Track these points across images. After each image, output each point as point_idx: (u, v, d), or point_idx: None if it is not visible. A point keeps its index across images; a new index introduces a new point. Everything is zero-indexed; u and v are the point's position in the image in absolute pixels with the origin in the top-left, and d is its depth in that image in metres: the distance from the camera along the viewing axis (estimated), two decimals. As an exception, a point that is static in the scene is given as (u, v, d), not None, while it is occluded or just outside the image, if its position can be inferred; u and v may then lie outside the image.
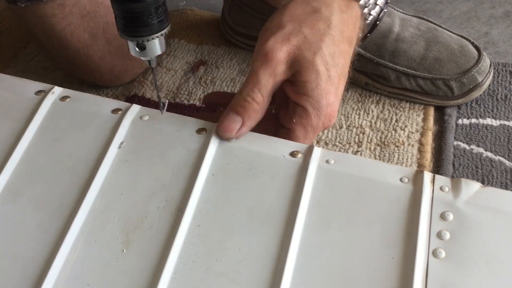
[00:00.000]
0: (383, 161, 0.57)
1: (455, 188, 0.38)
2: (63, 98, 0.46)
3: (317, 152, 0.40)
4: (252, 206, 0.38)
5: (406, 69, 0.61)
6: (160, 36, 0.37)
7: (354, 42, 0.46)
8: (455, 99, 0.61)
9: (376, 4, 0.49)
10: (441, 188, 0.38)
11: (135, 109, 0.44)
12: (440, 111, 0.62)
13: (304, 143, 0.42)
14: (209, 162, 0.40)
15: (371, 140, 0.59)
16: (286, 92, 0.44)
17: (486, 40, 0.71)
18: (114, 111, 0.44)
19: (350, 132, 0.60)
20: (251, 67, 0.43)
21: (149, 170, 0.40)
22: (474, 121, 0.60)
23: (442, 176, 0.39)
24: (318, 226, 0.37)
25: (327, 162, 0.40)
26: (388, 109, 0.62)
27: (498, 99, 0.62)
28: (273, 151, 0.41)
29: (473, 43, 0.61)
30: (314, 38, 0.43)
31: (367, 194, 0.38)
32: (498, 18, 0.74)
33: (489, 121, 0.60)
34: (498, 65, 0.66)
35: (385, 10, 0.51)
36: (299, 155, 0.40)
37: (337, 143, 0.59)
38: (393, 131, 0.60)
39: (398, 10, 0.64)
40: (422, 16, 0.65)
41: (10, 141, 0.43)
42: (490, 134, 0.59)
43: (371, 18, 0.50)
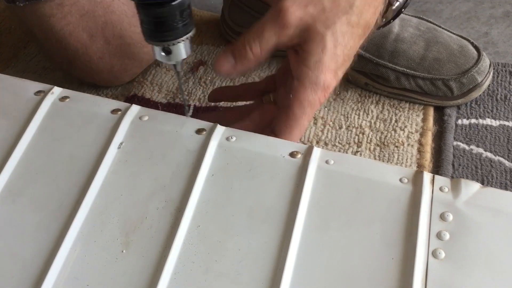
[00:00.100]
0: (383, 161, 0.57)
1: (455, 188, 0.38)
2: (63, 98, 0.46)
3: (316, 152, 0.40)
4: (251, 207, 0.38)
5: (405, 69, 0.61)
6: (185, 39, 0.37)
7: (371, 27, 0.45)
8: (455, 99, 0.61)
9: None
10: (440, 188, 0.38)
11: (135, 109, 0.44)
12: (439, 112, 0.62)
13: (302, 124, 0.43)
14: (208, 162, 0.40)
15: (371, 140, 0.59)
16: (289, 59, 0.44)
17: (485, 40, 0.71)
18: (114, 112, 0.44)
19: (349, 132, 0.60)
20: (262, 18, 0.42)
21: (148, 171, 0.40)
22: (473, 121, 0.60)
23: (442, 176, 0.39)
24: (317, 227, 0.37)
25: (327, 162, 0.40)
26: (387, 109, 0.62)
27: (497, 100, 0.62)
28: (272, 152, 0.41)
29: (472, 43, 0.61)
30: (332, 13, 0.42)
31: (367, 194, 0.38)
32: (498, 18, 0.74)
33: (488, 121, 0.60)
34: (498, 65, 0.66)
35: None
36: (299, 156, 0.40)
37: (336, 144, 0.59)
38: (392, 132, 0.60)
39: (397, 10, 0.64)
40: (421, 16, 0.65)
41: (9, 141, 0.43)
42: (490, 134, 0.59)
43: (397, 4, 0.49)
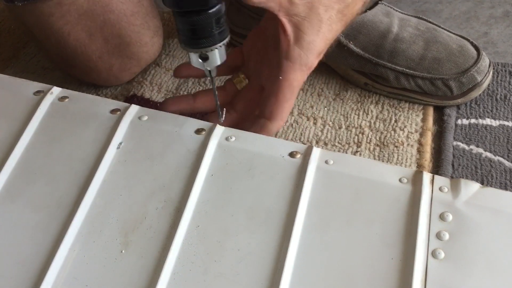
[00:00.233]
0: (382, 161, 0.57)
1: (455, 188, 0.38)
2: (62, 98, 0.46)
3: (316, 152, 0.40)
4: (251, 207, 0.38)
5: (405, 69, 0.61)
6: (221, 46, 0.39)
7: (355, 17, 0.47)
8: (454, 99, 0.61)
9: None
10: (440, 188, 0.38)
11: (134, 109, 0.44)
12: (439, 111, 0.62)
13: (291, 105, 0.45)
14: (208, 162, 0.40)
15: (370, 140, 0.59)
16: (280, 38, 0.45)
17: (485, 40, 0.71)
18: (113, 112, 0.44)
19: (349, 132, 0.60)
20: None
21: (148, 171, 0.40)
22: (473, 121, 0.60)
23: (442, 176, 0.39)
24: (317, 227, 0.37)
25: (326, 162, 0.40)
26: (387, 109, 0.62)
27: (497, 99, 0.62)
28: (272, 152, 0.41)
29: (472, 43, 0.61)
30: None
31: (366, 194, 0.38)
32: (498, 18, 0.74)
33: (488, 121, 0.60)
34: (498, 65, 0.66)
35: None
36: (298, 156, 0.40)
37: (336, 144, 0.59)
38: (392, 131, 0.60)
39: (397, 10, 0.64)
40: (421, 16, 0.65)
41: (8, 141, 0.43)
42: (490, 134, 0.59)
43: None
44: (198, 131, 0.42)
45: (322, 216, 0.37)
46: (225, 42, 0.39)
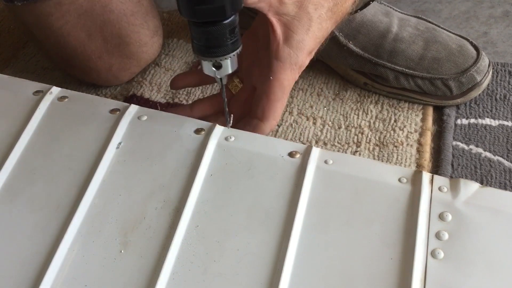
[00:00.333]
0: (382, 161, 0.57)
1: (454, 188, 0.38)
2: (61, 98, 0.46)
3: (315, 152, 0.40)
4: (250, 207, 0.38)
5: (404, 69, 0.60)
6: (233, 55, 0.39)
7: (346, 15, 0.48)
8: (454, 99, 0.61)
9: None
10: (439, 188, 0.38)
11: (133, 109, 0.44)
12: (439, 111, 0.62)
13: (284, 104, 0.45)
14: (207, 162, 0.40)
15: (370, 140, 0.59)
16: (270, 39, 0.45)
17: (485, 40, 0.71)
18: (112, 111, 0.44)
19: (349, 132, 0.60)
20: None
21: (147, 171, 0.40)
22: (473, 121, 0.60)
23: (441, 176, 0.39)
24: (316, 227, 0.37)
25: (326, 162, 0.40)
26: (387, 109, 0.62)
27: (497, 99, 0.62)
28: (271, 152, 0.41)
29: (471, 43, 0.61)
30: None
31: (366, 194, 0.38)
32: (497, 18, 0.74)
33: (488, 121, 0.60)
34: (497, 65, 0.66)
35: None
36: (298, 156, 0.40)
37: (335, 143, 0.59)
38: (392, 131, 0.60)
39: (396, 10, 0.64)
40: (420, 16, 0.65)
41: (7, 141, 0.43)
42: (489, 134, 0.59)
43: None
44: (198, 131, 0.42)
45: (322, 216, 0.37)
46: (237, 51, 0.40)
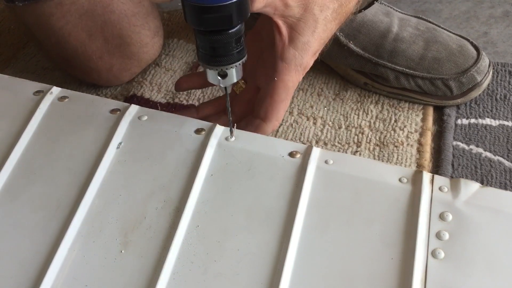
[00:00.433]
0: (382, 161, 0.57)
1: (454, 188, 0.38)
2: (62, 98, 0.46)
3: (316, 152, 0.40)
4: (251, 207, 0.38)
5: (405, 69, 0.60)
6: (238, 65, 0.39)
7: (349, 16, 0.48)
8: (454, 99, 0.61)
9: None
10: (440, 188, 0.38)
11: (134, 109, 0.44)
12: (439, 111, 0.62)
13: (287, 105, 0.46)
14: (207, 162, 0.40)
15: (370, 140, 0.59)
16: (274, 40, 0.45)
17: (485, 40, 0.71)
18: (113, 112, 0.44)
19: (349, 132, 0.60)
20: None
21: (147, 171, 0.40)
22: (473, 121, 0.60)
23: (441, 176, 0.39)
24: (317, 227, 0.37)
25: (326, 162, 0.40)
26: (387, 109, 0.62)
27: (497, 99, 0.62)
28: (272, 152, 0.41)
29: (472, 43, 0.61)
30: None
31: (366, 194, 0.38)
32: (497, 18, 0.74)
33: (488, 121, 0.60)
34: (497, 65, 0.66)
35: None
36: (298, 156, 0.40)
37: (336, 143, 0.59)
38: (392, 131, 0.60)
39: (397, 10, 0.64)
40: (421, 16, 0.65)
41: (8, 141, 0.43)
42: (489, 134, 0.59)
43: None
44: (198, 131, 0.42)
45: (322, 216, 0.37)
46: (243, 60, 0.40)
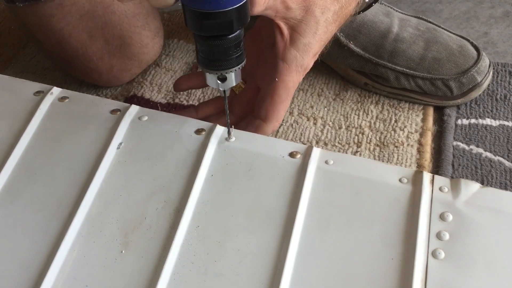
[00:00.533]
0: (383, 161, 0.57)
1: (455, 188, 0.38)
2: (62, 98, 0.46)
3: (316, 152, 0.40)
4: (251, 207, 0.38)
5: (405, 69, 0.61)
6: (238, 69, 0.40)
7: (349, 18, 0.48)
8: (454, 99, 0.61)
9: None
10: (440, 188, 0.38)
11: (134, 109, 0.44)
12: (439, 111, 0.62)
13: (287, 105, 0.46)
14: (208, 162, 0.40)
15: (371, 140, 0.59)
16: (275, 41, 0.45)
17: (485, 40, 0.71)
18: (113, 112, 0.44)
19: (349, 132, 0.60)
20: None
21: (147, 171, 0.40)
22: (473, 121, 0.60)
23: (442, 176, 0.39)
24: (317, 227, 0.37)
25: (326, 162, 0.40)
26: (387, 109, 0.62)
27: (497, 99, 0.62)
28: (272, 152, 0.41)
29: (472, 43, 0.61)
30: (328, 1, 0.44)
31: (366, 194, 0.38)
32: (498, 18, 0.74)
33: (488, 121, 0.60)
34: (498, 65, 0.66)
35: None
36: (298, 156, 0.40)
37: (336, 144, 0.59)
38: (392, 132, 0.60)
39: (397, 10, 0.64)
40: (421, 16, 0.65)
41: (8, 141, 0.43)
42: (490, 134, 0.59)
43: None
44: (198, 131, 0.42)
45: (322, 216, 0.37)
46: (242, 65, 0.40)
